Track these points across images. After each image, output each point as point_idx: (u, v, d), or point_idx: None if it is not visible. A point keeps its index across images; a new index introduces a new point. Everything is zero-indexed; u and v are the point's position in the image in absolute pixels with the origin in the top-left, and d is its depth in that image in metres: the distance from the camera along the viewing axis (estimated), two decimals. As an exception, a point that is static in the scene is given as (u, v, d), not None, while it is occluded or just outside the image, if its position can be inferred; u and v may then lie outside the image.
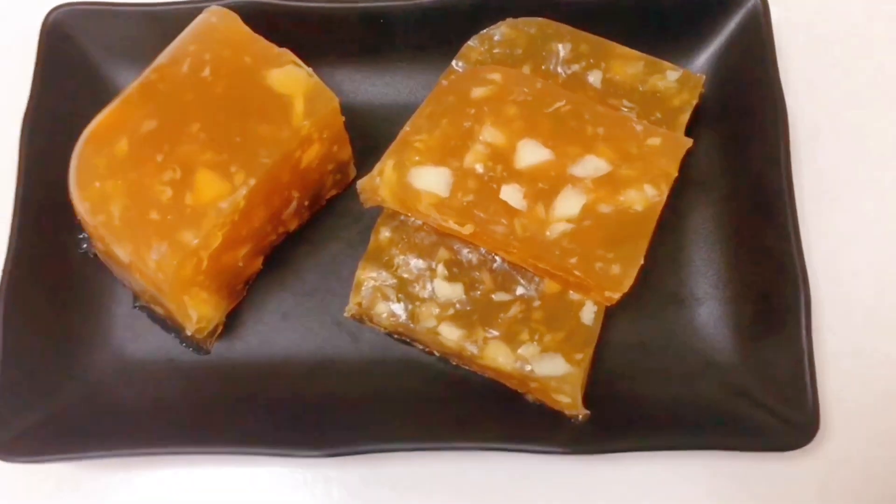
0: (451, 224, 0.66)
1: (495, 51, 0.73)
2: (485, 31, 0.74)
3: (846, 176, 0.76)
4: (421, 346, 0.70)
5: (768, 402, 0.66)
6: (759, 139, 0.72)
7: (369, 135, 0.77)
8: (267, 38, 0.71)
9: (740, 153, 0.74)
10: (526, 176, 0.66)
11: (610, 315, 0.68)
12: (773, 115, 0.72)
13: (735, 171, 0.73)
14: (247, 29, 0.68)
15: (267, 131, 0.65)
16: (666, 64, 0.73)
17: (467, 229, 0.65)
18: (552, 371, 0.65)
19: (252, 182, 0.64)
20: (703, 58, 0.77)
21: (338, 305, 0.72)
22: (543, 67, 0.73)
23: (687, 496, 0.68)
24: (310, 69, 0.67)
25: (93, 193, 0.64)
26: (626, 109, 0.72)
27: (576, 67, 0.73)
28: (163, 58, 0.68)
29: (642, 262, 0.64)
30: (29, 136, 0.72)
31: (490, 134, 0.67)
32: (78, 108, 0.73)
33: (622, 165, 0.66)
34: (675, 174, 0.66)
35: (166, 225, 0.63)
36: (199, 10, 0.72)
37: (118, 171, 0.64)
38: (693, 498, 0.68)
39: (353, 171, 0.76)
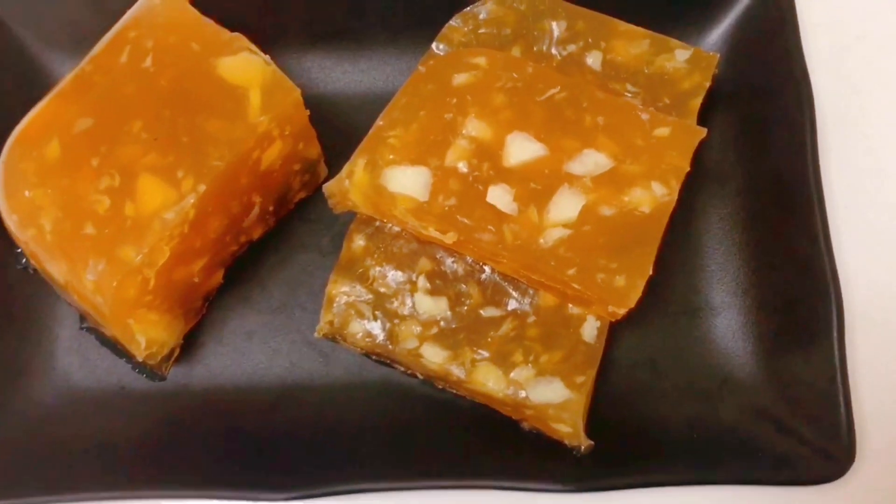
0: (432, 232, 0.58)
1: (480, 31, 0.65)
2: (468, 8, 0.65)
3: (881, 165, 0.67)
4: (402, 368, 0.62)
5: (796, 428, 0.58)
6: (781, 125, 0.64)
7: (341, 128, 0.69)
8: (223, 19, 0.63)
9: (760, 141, 0.65)
10: (516, 175, 0.57)
11: (615, 329, 0.61)
12: (797, 97, 0.64)
13: (754, 163, 0.65)
14: (194, 11, 0.60)
15: (219, 128, 0.57)
16: (674, 42, 0.65)
17: (450, 237, 0.57)
18: (550, 397, 0.57)
19: (202, 188, 0.56)
20: (717, 33, 0.68)
21: (308, 323, 0.65)
22: (535, 48, 0.64)
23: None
24: (267, 56, 0.59)
25: (21, 204, 0.56)
26: (629, 94, 0.63)
27: (572, 48, 0.64)
28: (100, 46, 0.59)
29: (650, 272, 0.55)
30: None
31: (474, 127, 0.58)
32: (13, 104, 0.65)
33: (626, 160, 0.58)
34: (687, 168, 0.58)
35: (104, 240, 0.55)
36: (146, -8, 0.63)
37: (49, 178, 0.56)
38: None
39: (323, 171, 0.68)
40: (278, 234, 0.67)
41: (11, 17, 0.68)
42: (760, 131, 0.65)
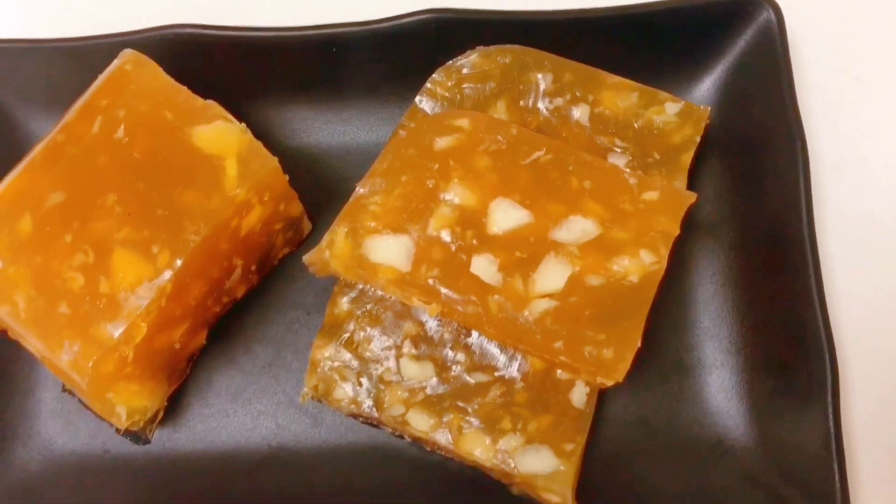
0: (415, 302, 0.56)
1: (464, 85, 0.63)
2: (452, 61, 0.63)
3: (877, 216, 0.65)
4: (390, 430, 0.61)
5: (788, 496, 0.57)
6: (775, 177, 0.62)
7: (325, 180, 0.67)
8: (203, 73, 0.62)
9: (753, 193, 0.63)
10: (500, 243, 0.56)
11: (605, 388, 0.59)
12: (791, 148, 0.61)
13: (747, 216, 0.63)
14: (166, 77, 0.58)
15: (194, 200, 0.56)
16: (664, 94, 0.63)
17: (433, 309, 0.56)
18: (538, 468, 0.56)
19: (178, 263, 0.54)
20: (708, 82, 0.66)
21: (294, 383, 0.64)
22: (521, 103, 0.63)
23: None
24: (242, 124, 0.57)
25: (-5, 280, 0.55)
26: (618, 150, 0.61)
27: (559, 101, 0.63)
28: (71, 114, 0.58)
29: (639, 344, 0.54)
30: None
31: (457, 193, 0.57)
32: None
33: (613, 226, 0.56)
34: (677, 234, 0.56)
35: (79, 319, 0.54)
36: (122, 45, 0.62)
37: (21, 255, 0.55)
38: None
39: (307, 226, 0.66)
40: (262, 291, 0.66)
41: (-15, 73, 0.66)
42: (754, 183, 0.63)
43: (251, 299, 0.66)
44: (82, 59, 0.65)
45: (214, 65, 0.66)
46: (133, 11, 0.73)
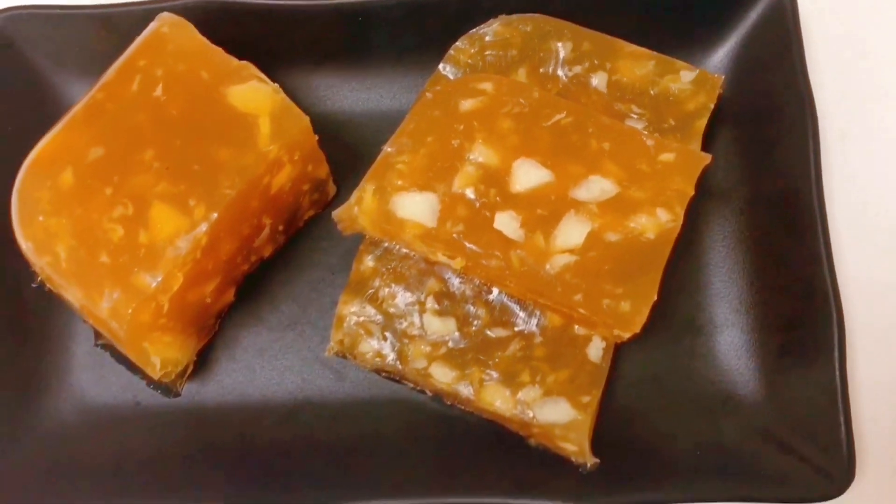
0: (440, 257, 0.59)
1: (486, 53, 0.65)
2: (475, 30, 0.66)
3: (882, 183, 0.68)
4: (412, 385, 0.63)
5: (796, 447, 0.59)
6: (785, 144, 0.65)
7: (349, 146, 0.70)
8: (233, 41, 0.64)
9: (764, 160, 0.66)
10: (523, 201, 0.58)
11: (620, 344, 0.61)
12: (801, 116, 0.64)
13: (758, 181, 0.66)
14: (202, 38, 0.60)
15: (229, 157, 0.58)
16: (679, 63, 0.65)
17: (458, 263, 0.58)
18: (556, 417, 0.58)
19: (214, 216, 0.57)
20: (722, 53, 0.68)
21: (319, 339, 0.66)
22: (541, 70, 0.65)
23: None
24: (276, 84, 0.59)
25: (36, 231, 0.57)
26: (635, 116, 0.64)
27: (578, 69, 0.65)
28: (110, 73, 0.60)
29: (655, 297, 0.56)
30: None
31: (481, 153, 0.59)
32: (25, 124, 0.66)
33: (631, 186, 0.58)
34: (692, 194, 0.59)
35: (118, 268, 0.56)
36: (156, 12, 0.64)
37: (63, 207, 0.57)
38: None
39: (332, 189, 0.69)
40: (288, 252, 0.68)
41: (23, 40, 0.68)
42: (764, 150, 0.66)
43: (278, 259, 0.68)
44: (116, 25, 0.67)
45: (243, 33, 0.68)
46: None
